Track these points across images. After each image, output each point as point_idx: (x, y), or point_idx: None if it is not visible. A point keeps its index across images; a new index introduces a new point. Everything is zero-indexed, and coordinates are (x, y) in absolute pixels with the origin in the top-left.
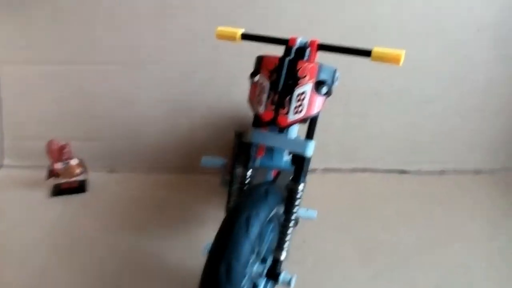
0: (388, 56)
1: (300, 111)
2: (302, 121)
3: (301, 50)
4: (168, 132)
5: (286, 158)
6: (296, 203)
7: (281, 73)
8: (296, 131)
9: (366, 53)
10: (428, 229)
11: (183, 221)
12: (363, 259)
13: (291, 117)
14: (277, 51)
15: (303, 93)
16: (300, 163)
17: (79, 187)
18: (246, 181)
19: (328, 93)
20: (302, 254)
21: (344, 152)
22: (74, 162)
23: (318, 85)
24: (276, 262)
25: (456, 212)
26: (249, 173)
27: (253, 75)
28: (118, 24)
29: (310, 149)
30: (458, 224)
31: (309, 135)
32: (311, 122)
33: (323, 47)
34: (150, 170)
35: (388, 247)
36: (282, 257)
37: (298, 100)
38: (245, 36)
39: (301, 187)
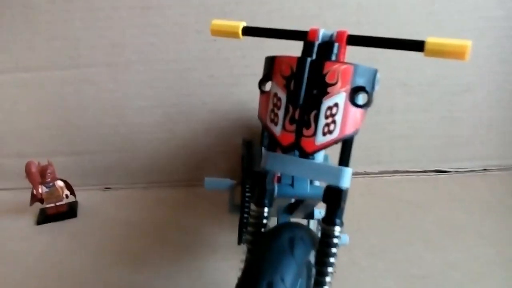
0: (448, 49)
1: (332, 131)
2: (334, 143)
3: (326, 46)
4: (165, 141)
5: (308, 183)
6: (333, 251)
7: (302, 79)
8: (323, 152)
9: (417, 45)
10: (482, 246)
11: (189, 250)
12: None
13: (320, 139)
14: (287, 46)
15: (334, 105)
16: (334, 198)
17: (69, 211)
18: (263, 222)
19: (367, 104)
20: None
21: (370, 153)
22: (59, 184)
23: (354, 93)
24: None
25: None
26: (265, 211)
27: (262, 82)
28: (98, 20)
29: (347, 179)
30: None
31: (344, 160)
32: (346, 143)
33: (355, 40)
34: (149, 185)
35: (438, 273)
36: None
37: (328, 116)
38: (249, 31)
39: (338, 230)
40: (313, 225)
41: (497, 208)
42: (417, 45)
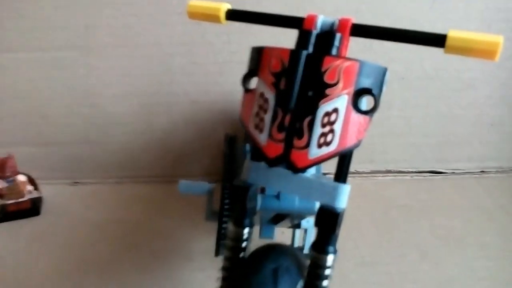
0: (473, 46)
1: (329, 143)
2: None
3: (326, 37)
4: (141, 133)
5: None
6: (324, 284)
7: (295, 77)
8: None
9: (436, 40)
10: (481, 258)
11: (163, 257)
12: None
13: (314, 152)
14: (280, 32)
15: (333, 111)
16: (328, 222)
17: (31, 209)
18: (242, 245)
19: (373, 110)
20: None
21: (362, 151)
22: (21, 178)
23: (358, 96)
24: None
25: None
26: (246, 232)
27: (247, 78)
28: None
29: (344, 198)
30: None
31: (341, 175)
32: (344, 156)
33: (361, 31)
34: (121, 180)
35: None
36: None
37: (325, 124)
38: (233, 15)
39: (330, 259)
40: (299, 234)
41: (496, 215)
42: (436, 40)
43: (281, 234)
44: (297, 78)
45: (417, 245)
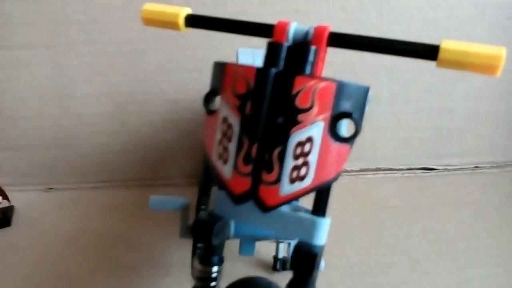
0: (471, 59)
1: (303, 177)
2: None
3: (299, 50)
4: (116, 135)
5: None
6: None
7: (262, 101)
8: None
9: (427, 52)
10: (476, 266)
11: (137, 270)
12: None
13: (286, 189)
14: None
15: (307, 140)
16: (305, 263)
17: (2, 220)
18: (211, 284)
19: (354, 136)
20: None
21: None
22: None
23: (336, 121)
24: None
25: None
26: (214, 271)
27: (209, 98)
28: None
29: (323, 234)
30: None
31: (319, 207)
32: (322, 191)
33: (340, 41)
34: (98, 185)
35: None
36: None
37: (298, 156)
38: (194, 21)
39: None
40: (282, 248)
41: (491, 216)
42: (426, 53)
43: (265, 244)
44: (265, 102)
45: (408, 251)
